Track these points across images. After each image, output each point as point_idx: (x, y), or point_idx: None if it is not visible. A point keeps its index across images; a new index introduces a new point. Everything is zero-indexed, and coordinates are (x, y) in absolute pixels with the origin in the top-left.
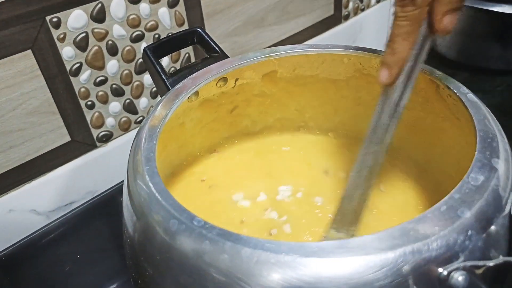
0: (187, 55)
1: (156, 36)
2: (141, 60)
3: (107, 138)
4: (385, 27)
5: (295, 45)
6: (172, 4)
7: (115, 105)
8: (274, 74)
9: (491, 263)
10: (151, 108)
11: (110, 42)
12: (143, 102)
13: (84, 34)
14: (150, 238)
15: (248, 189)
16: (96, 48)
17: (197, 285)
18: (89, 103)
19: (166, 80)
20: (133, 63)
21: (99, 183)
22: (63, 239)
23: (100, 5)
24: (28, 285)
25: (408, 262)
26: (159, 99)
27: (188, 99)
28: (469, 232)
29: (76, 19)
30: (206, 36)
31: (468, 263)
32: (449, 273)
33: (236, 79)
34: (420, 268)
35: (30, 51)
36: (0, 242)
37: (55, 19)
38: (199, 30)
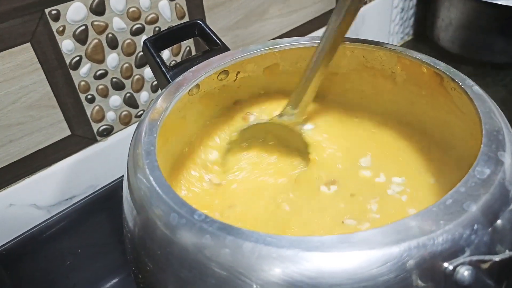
0: (188, 48)
1: (157, 29)
2: (142, 54)
3: (108, 132)
4: (388, 21)
5: (298, 38)
6: None
7: (116, 99)
8: (276, 67)
9: (497, 258)
10: (152, 102)
11: (110, 35)
12: (144, 96)
13: (84, 27)
14: (151, 233)
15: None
16: (96, 41)
17: (198, 280)
18: (89, 97)
19: (167, 73)
20: (134, 57)
21: (100, 177)
22: (64, 234)
23: None
24: (29, 280)
25: (413, 257)
26: (159, 92)
27: (189, 92)
28: (475, 226)
29: (76, 12)
30: (207, 29)
31: (474, 258)
32: (455, 268)
33: (238, 72)
34: (425, 263)
35: (29, 44)
36: (1, 237)
37: (54, 12)
38: (200, 23)
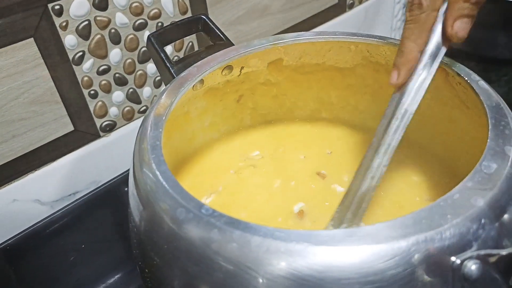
0: (190, 44)
1: (159, 24)
2: (145, 49)
3: (111, 128)
4: (390, 16)
5: (302, 33)
6: None
7: (118, 94)
8: (280, 62)
9: (505, 252)
10: (155, 97)
11: (113, 31)
12: (147, 92)
13: (87, 22)
14: (157, 227)
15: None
16: (99, 37)
17: (205, 274)
18: (92, 92)
19: (171, 68)
20: (136, 52)
21: (103, 173)
22: (67, 229)
23: None
24: (32, 275)
25: (421, 251)
26: (164, 88)
27: (193, 88)
28: (483, 221)
29: (79, 7)
30: (211, 24)
31: (482, 252)
32: (462, 262)
33: (242, 67)
34: (433, 257)
35: (32, 39)
36: (4, 232)
37: (57, 7)
38: (204, 18)
